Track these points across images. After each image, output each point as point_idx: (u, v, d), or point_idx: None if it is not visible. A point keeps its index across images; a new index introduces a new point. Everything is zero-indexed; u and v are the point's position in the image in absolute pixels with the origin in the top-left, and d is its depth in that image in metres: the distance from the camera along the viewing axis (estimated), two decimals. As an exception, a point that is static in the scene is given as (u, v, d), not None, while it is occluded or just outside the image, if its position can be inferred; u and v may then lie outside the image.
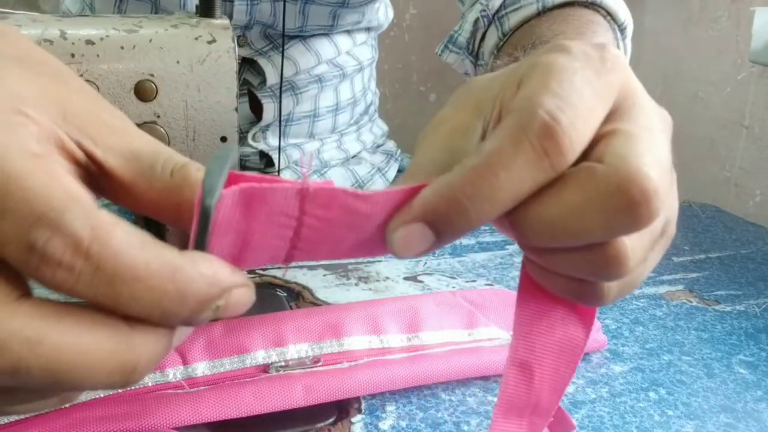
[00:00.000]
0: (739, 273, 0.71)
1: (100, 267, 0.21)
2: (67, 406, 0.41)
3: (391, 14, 0.92)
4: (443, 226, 0.25)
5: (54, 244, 0.21)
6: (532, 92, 0.25)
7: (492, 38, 0.61)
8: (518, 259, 0.70)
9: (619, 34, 0.58)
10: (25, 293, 0.22)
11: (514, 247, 0.73)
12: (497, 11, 0.60)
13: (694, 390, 0.51)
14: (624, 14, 0.58)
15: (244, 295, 0.24)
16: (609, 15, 0.58)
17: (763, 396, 0.51)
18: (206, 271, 0.23)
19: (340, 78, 0.85)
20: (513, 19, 0.59)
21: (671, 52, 2.01)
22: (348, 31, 0.85)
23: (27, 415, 0.40)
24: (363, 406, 0.46)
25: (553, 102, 0.24)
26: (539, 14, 0.58)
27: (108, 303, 0.22)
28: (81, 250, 0.21)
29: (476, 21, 0.62)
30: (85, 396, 0.41)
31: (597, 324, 0.55)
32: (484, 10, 0.61)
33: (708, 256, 0.75)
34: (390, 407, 0.47)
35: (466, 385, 0.49)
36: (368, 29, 0.88)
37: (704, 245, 0.78)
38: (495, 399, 0.49)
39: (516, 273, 0.66)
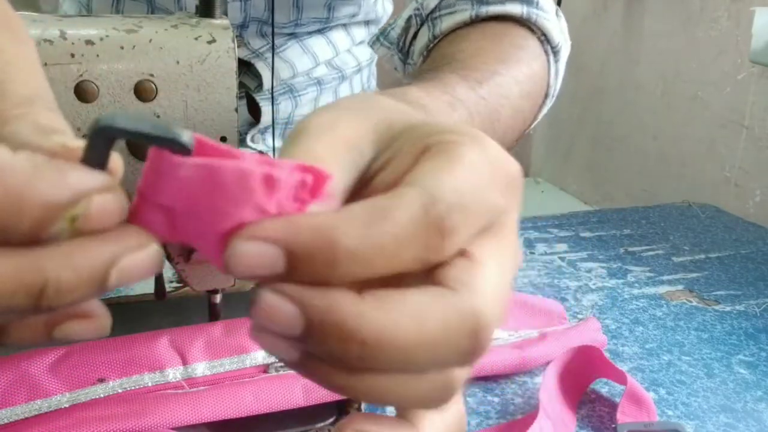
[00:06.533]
0: (739, 273, 0.71)
1: None
2: (67, 406, 0.41)
3: (389, 8, 0.91)
4: (300, 264, 0.21)
5: None
6: (438, 178, 0.23)
7: (423, 39, 0.60)
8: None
9: (552, 57, 0.58)
10: None
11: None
12: (431, 12, 0.59)
13: (694, 390, 0.51)
14: (559, 36, 0.58)
15: (110, 201, 0.20)
16: (543, 35, 0.57)
17: (763, 396, 0.51)
18: (51, 172, 0.18)
19: (339, 80, 0.85)
20: (445, 23, 0.58)
21: (671, 52, 2.01)
22: (344, 26, 0.84)
23: (27, 415, 0.40)
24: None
25: (453, 198, 0.23)
26: (472, 22, 0.57)
27: None
28: None
29: (409, 18, 0.61)
30: (85, 396, 0.42)
31: (597, 324, 0.55)
32: (418, 9, 0.60)
33: (708, 256, 0.75)
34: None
35: (466, 385, 0.49)
36: (366, 23, 0.88)
37: (704, 245, 0.78)
38: (495, 399, 0.49)
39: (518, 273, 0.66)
